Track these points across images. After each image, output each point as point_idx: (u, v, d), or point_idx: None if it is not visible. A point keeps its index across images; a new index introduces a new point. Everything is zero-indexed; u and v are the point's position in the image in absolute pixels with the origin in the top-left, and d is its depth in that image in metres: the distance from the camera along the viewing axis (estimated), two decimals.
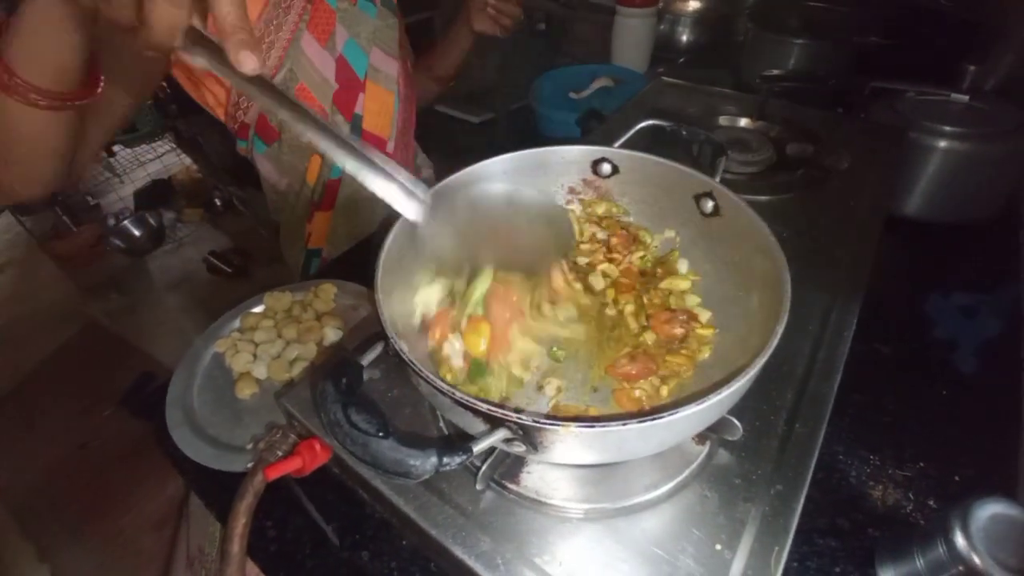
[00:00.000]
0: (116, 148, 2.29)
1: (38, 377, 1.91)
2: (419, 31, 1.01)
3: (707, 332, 0.46)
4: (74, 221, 2.22)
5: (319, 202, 0.89)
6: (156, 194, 2.44)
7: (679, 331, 0.46)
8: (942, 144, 0.76)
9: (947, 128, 0.76)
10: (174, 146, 2.36)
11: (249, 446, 0.57)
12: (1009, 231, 0.82)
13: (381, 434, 0.29)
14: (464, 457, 0.31)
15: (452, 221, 0.43)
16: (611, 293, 0.50)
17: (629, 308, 0.49)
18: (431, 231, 0.42)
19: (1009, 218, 0.83)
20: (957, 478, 0.54)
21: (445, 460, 0.30)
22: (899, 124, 0.78)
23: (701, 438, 0.43)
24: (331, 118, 0.82)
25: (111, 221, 2.23)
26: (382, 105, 0.88)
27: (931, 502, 0.52)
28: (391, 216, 0.43)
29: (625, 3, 1.18)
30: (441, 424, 0.47)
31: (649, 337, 0.47)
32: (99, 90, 0.50)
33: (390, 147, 0.92)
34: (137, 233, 2.23)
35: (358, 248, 0.89)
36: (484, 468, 0.40)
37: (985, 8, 1.13)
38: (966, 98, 0.81)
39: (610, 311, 0.49)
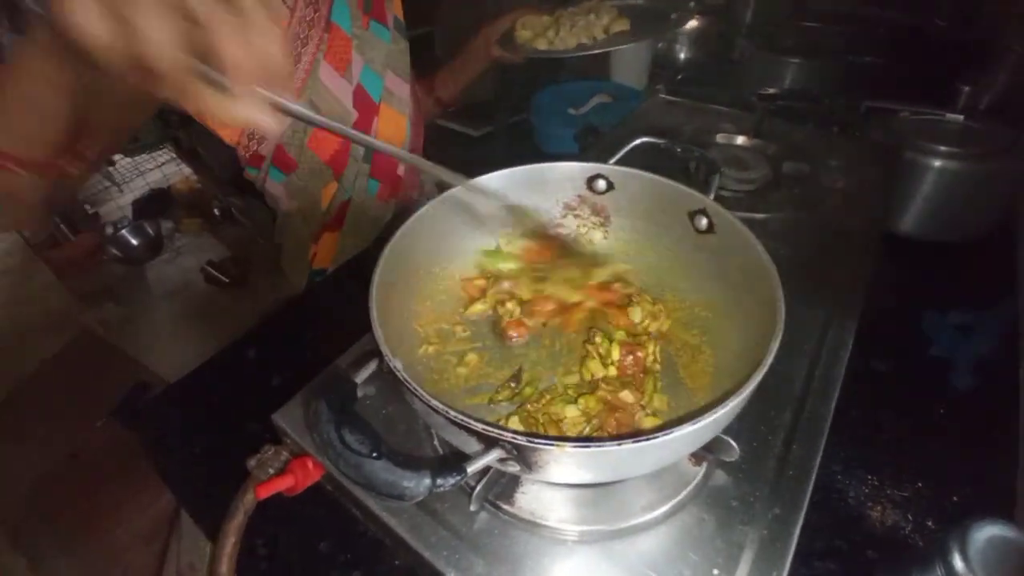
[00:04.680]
0: (116, 157, 2.29)
1: (31, 386, 1.89)
2: (418, 46, 1.01)
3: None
4: (72, 229, 2.22)
5: (328, 223, 0.89)
6: (155, 203, 2.44)
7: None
8: (937, 163, 0.77)
9: (941, 148, 0.76)
10: (174, 156, 2.37)
11: None
12: (1005, 249, 0.83)
13: (374, 455, 0.29)
14: (458, 478, 0.30)
15: None
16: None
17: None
18: None
19: (1004, 237, 0.84)
20: (955, 498, 0.54)
21: (439, 481, 0.30)
22: (894, 143, 0.79)
23: (698, 459, 0.43)
24: (352, 146, 0.83)
25: (109, 230, 2.22)
26: (396, 128, 0.88)
27: (929, 523, 0.52)
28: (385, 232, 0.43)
29: None
30: (436, 442, 0.46)
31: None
32: (87, 161, 0.47)
33: (400, 169, 0.92)
34: (135, 242, 2.23)
35: (360, 257, 0.89)
36: (479, 488, 0.40)
37: (979, 28, 1.15)
38: (960, 118, 0.82)
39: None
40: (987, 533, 0.39)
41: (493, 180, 0.52)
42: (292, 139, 0.79)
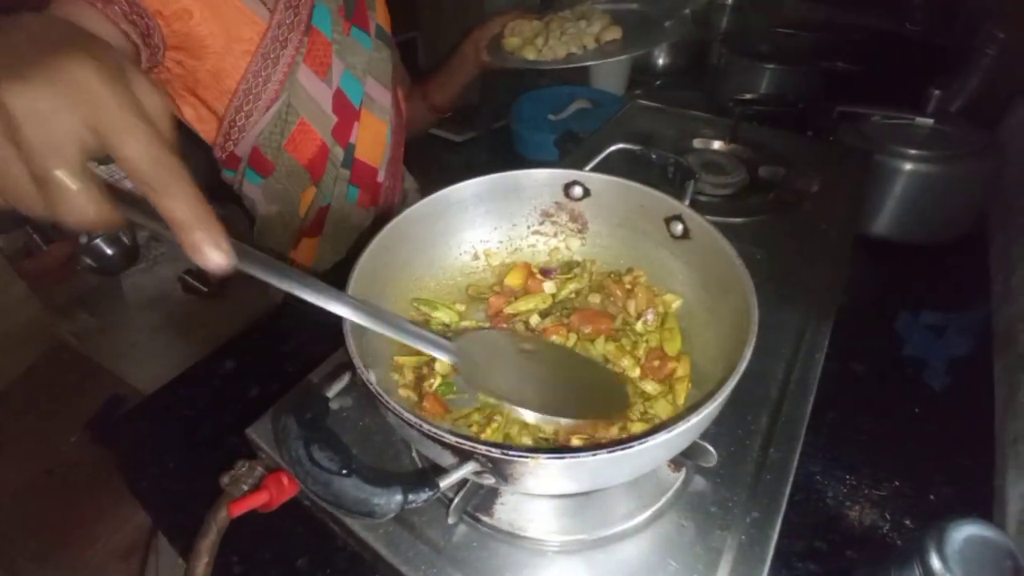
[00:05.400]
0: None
1: (4, 400, 1.85)
2: (402, 51, 1.01)
3: (683, 375, 0.45)
4: (45, 239, 2.16)
5: (307, 229, 0.88)
6: None
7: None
8: (908, 166, 0.78)
9: (912, 151, 0.78)
10: None
11: None
12: (975, 251, 0.84)
13: (344, 472, 0.28)
14: (431, 494, 0.30)
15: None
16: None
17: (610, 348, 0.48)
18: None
19: (976, 238, 0.86)
20: (932, 496, 0.55)
21: (411, 497, 0.29)
22: (866, 147, 0.80)
23: (677, 465, 0.43)
24: (331, 151, 0.82)
25: (83, 239, 2.17)
26: (375, 134, 0.87)
27: (907, 521, 0.52)
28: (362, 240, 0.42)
29: None
30: (414, 454, 0.46)
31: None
32: None
33: (380, 176, 0.92)
34: (110, 252, 2.17)
35: (339, 266, 0.88)
36: (457, 500, 0.39)
37: (949, 33, 1.18)
38: (931, 121, 0.84)
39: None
40: (965, 532, 0.40)
41: (471, 187, 0.52)
42: (269, 140, 0.77)
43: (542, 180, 0.52)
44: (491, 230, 0.55)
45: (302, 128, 0.78)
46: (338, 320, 0.38)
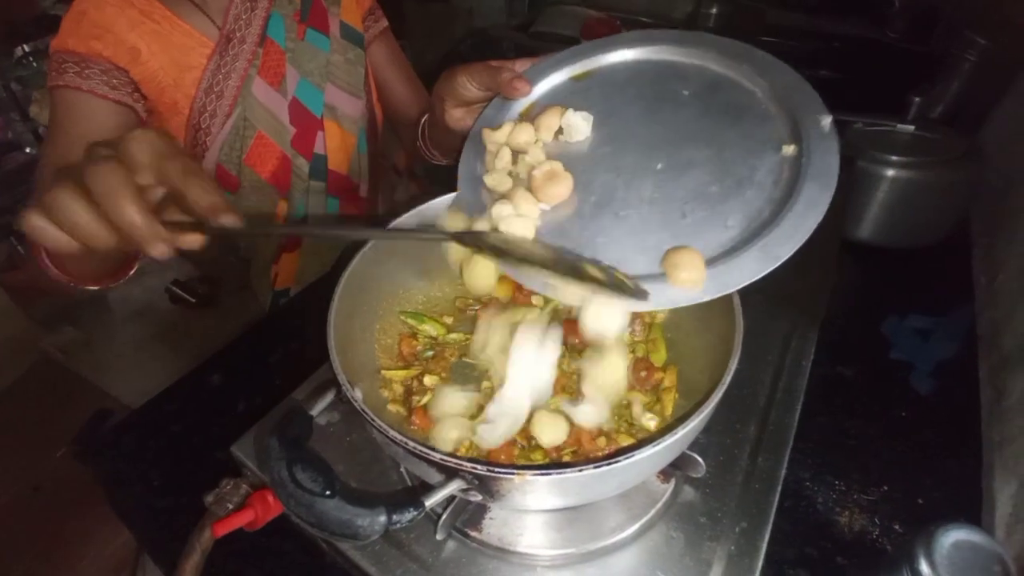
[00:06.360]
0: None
1: None
2: None
3: (670, 385, 0.45)
4: (29, 251, 2.14)
5: (285, 243, 0.87)
6: None
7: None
8: (890, 172, 0.79)
9: (894, 157, 0.79)
10: None
11: None
12: (959, 255, 0.85)
13: (327, 493, 0.28)
14: (415, 514, 0.29)
15: None
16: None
17: None
18: None
19: (958, 242, 0.87)
20: (921, 500, 0.55)
21: (395, 518, 0.29)
22: (848, 154, 0.81)
23: (666, 475, 0.43)
24: (293, 162, 0.80)
25: None
26: (343, 145, 0.85)
27: (896, 526, 0.52)
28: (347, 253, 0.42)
29: (588, 36, 1.21)
30: (402, 469, 0.45)
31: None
32: (131, 272, 0.61)
33: (363, 191, 0.90)
34: None
35: (324, 279, 0.87)
36: (445, 516, 0.39)
37: (929, 39, 1.20)
38: (912, 127, 0.85)
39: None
40: (952, 538, 0.40)
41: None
42: (229, 156, 0.77)
43: None
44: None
45: (260, 141, 0.77)
46: (324, 331, 0.38)
